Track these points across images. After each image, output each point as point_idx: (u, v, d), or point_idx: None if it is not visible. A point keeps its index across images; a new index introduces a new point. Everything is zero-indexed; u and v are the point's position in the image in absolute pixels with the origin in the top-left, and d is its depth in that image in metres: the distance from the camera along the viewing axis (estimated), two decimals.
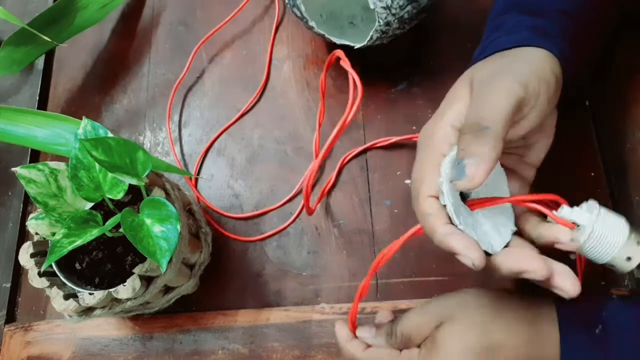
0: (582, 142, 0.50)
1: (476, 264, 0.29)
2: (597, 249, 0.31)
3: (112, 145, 0.35)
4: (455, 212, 0.30)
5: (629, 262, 0.30)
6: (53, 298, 0.39)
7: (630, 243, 0.30)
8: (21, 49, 0.56)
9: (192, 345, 0.48)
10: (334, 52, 0.45)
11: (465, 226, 0.31)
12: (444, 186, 0.31)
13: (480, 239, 0.31)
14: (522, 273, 0.31)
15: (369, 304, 0.47)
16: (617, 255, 0.30)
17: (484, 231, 0.32)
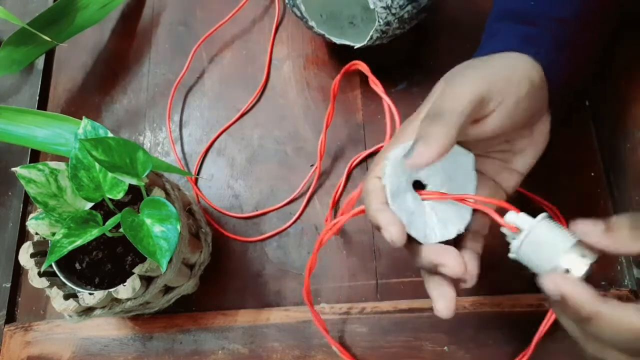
0: (582, 142, 0.50)
1: (394, 239, 0.30)
2: (533, 255, 0.31)
3: (112, 145, 0.35)
4: (392, 194, 0.32)
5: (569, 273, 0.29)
6: (53, 298, 0.39)
7: (571, 254, 0.29)
8: (21, 49, 0.56)
9: (192, 345, 0.48)
10: (355, 62, 0.44)
11: (399, 209, 0.32)
12: (387, 169, 0.32)
13: (415, 226, 0.32)
14: (438, 266, 0.31)
15: (369, 304, 0.47)
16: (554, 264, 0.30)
17: (424, 221, 0.33)
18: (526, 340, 0.45)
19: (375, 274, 0.49)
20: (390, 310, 0.47)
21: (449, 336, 0.45)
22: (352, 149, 0.53)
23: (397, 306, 0.47)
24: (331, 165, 0.53)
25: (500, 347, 0.45)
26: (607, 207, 0.48)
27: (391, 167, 0.32)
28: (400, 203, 0.32)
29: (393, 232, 0.31)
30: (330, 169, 0.53)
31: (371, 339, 0.46)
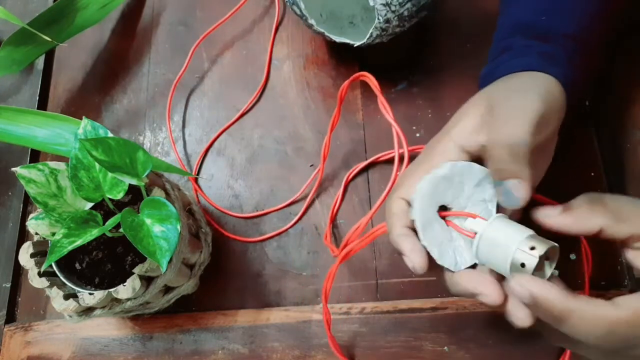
0: (582, 142, 0.50)
1: (416, 267, 0.31)
2: (489, 254, 0.31)
3: (112, 145, 0.35)
4: (423, 228, 0.32)
5: (523, 269, 0.29)
6: (53, 298, 0.39)
7: (524, 248, 0.29)
8: (21, 49, 0.56)
9: (192, 345, 0.48)
10: (363, 73, 0.44)
11: (430, 243, 0.31)
12: (416, 202, 0.32)
13: (446, 255, 0.32)
14: (475, 295, 0.31)
15: (369, 304, 0.47)
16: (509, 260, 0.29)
17: (454, 247, 0.32)
18: (526, 341, 0.45)
19: (375, 274, 0.49)
20: (390, 310, 0.47)
21: (449, 336, 0.45)
22: (352, 150, 0.53)
23: (397, 306, 0.47)
24: (331, 166, 0.53)
25: (500, 347, 0.45)
26: None
27: (420, 199, 0.32)
28: (431, 236, 0.32)
29: (416, 261, 0.31)
30: (330, 170, 0.53)
31: (371, 339, 0.46)
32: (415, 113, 0.53)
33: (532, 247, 0.29)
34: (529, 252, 0.29)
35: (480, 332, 0.45)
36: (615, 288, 0.46)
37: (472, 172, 0.33)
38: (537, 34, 0.38)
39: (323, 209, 0.51)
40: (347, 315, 0.47)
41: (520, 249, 0.29)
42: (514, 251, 0.29)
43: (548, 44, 0.37)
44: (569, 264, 0.47)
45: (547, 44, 0.37)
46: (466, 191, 0.33)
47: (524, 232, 0.30)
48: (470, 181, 0.33)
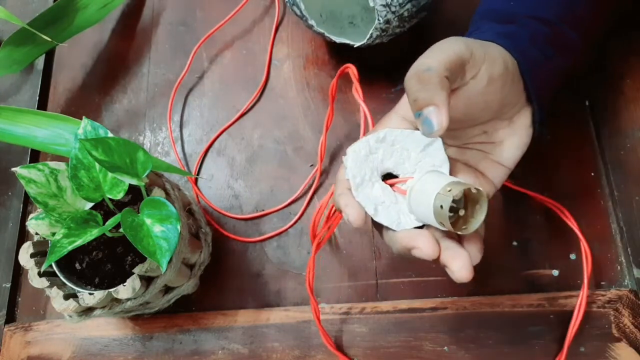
0: (582, 142, 0.50)
1: (350, 219, 0.32)
2: (419, 206, 0.32)
3: (112, 145, 0.35)
4: (357, 186, 0.33)
5: (443, 212, 0.29)
6: (53, 298, 0.39)
7: (441, 192, 0.30)
8: (21, 49, 0.56)
9: (192, 345, 0.48)
10: (347, 65, 0.45)
11: (364, 199, 0.33)
12: (348, 162, 0.33)
13: (387, 214, 0.33)
14: (412, 249, 0.31)
15: (369, 304, 0.47)
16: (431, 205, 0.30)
17: (398, 209, 0.33)
18: (526, 341, 0.45)
19: (375, 274, 0.49)
20: (390, 310, 0.47)
21: (449, 336, 0.45)
22: None
23: (397, 306, 0.47)
24: (331, 166, 0.53)
25: (500, 347, 0.45)
26: (607, 207, 0.48)
27: (352, 160, 0.33)
28: (367, 193, 0.33)
29: (350, 214, 0.32)
30: (330, 169, 0.53)
31: (371, 339, 0.46)
32: None
33: (449, 190, 0.29)
34: (446, 194, 0.29)
35: (480, 332, 0.45)
36: (615, 287, 0.46)
37: (415, 138, 0.34)
38: (503, 18, 0.39)
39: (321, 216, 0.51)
40: (347, 315, 0.47)
41: (439, 193, 0.30)
42: (434, 196, 0.30)
43: (511, 25, 0.37)
44: (569, 264, 0.47)
45: (510, 25, 0.37)
46: (412, 157, 0.34)
47: (448, 179, 0.31)
48: (415, 147, 0.34)
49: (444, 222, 0.30)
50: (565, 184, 0.49)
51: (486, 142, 0.37)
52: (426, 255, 0.30)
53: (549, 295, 0.45)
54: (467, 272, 0.30)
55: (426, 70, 0.30)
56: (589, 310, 0.45)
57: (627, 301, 0.45)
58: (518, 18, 0.38)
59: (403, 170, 0.34)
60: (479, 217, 0.31)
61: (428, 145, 0.34)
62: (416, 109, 0.30)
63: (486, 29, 0.38)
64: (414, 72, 0.31)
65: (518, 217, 0.48)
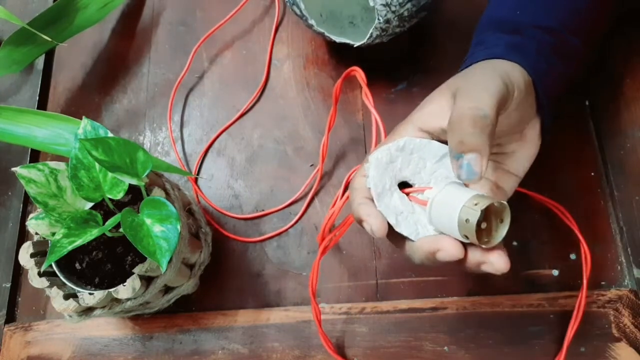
0: (582, 142, 0.50)
1: (374, 230, 0.31)
2: (441, 218, 0.31)
3: (112, 145, 0.35)
4: (378, 195, 0.32)
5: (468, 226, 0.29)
6: (53, 298, 0.39)
7: (467, 205, 0.29)
8: (21, 49, 0.56)
9: (192, 345, 0.48)
10: (353, 68, 0.45)
11: (386, 209, 0.32)
12: (370, 170, 0.33)
13: (406, 225, 0.32)
14: (436, 252, 0.31)
15: (369, 304, 0.47)
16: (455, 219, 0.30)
17: (416, 219, 0.33)
18: (526, 341, 0.45)
19: (375, 274, 0.49)
20: (390, 310, 0.47)
21: (449, 336, 0.45)
22: (352, 149, 0.53)
23: (397, 306, 0.47)
24: (331, 166, 0.53)
25: (500, 347, 0.45)
26: (607, 207, 0.48)
27: (374, 168, 0.33)
28: (387, 203, 0.33)
29: (373, 224, 0.31)
30: (330, 169, 0.53)
31: (371, 339, 0.46)
32: None
33: (475, 204, 0.29)
34: (473, 207, 0.29)
35: (480, 332, 0.45)
36: (615, 287, 0.46)
37: (432, 148, 0.34)
38: (509, 28, 0.39)
39: (323, 209, 0.51)
40: (347, 315, 0.47)
41: (465, 206, 0.29)
42: (459, 209, 0.30)
43: (517, 35, 0.37)
44: (569, 264, 0.47)
45: (516, 36, 0.37)
46: (428, 167, 0.34)
47: (471, 192, 0.30)
48: (431, 157, 0.34)
49: (468, 235, 0.30)
50: (565, 184, 0.49)
51: (499, 152, 0.37)
52: (452, 255, 0.30)
53: (549, 295, 0.45)
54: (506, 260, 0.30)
55: (483, 117, 0.30)
56: (589, 310, 0.45)
57: (627, 301, 0.45)
58: (524, 28, 0.38)
59: (419, 179, 0.34)
60: (501, 231, 0.30)
61: (444, 157, 0.34)
62: (459, 150, 0.30)
63: (494, 40, 0.38)
64: (470, 114, 0.30)
65: (518, 217, 0.48)
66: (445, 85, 0.36)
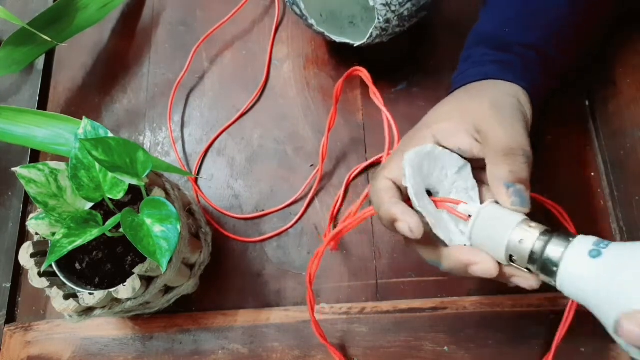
0: (582, 142, 0.50)
1: (413, 227, 0.31)
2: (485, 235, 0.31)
3: (112, 145, 0.35)
4: (416, 194, 0.32)
5: (522, 247, 0.29)
6: (53, 298, 0.39)
7: (523, 227, 0.30)
8: (21, 49, 0.56)
9: (192, 345, 0.48)
10: (357, 68, 0.45)
11: (424, 210, 0.32)
12: (407, 170, 0.33)
13: (441, 228, 0.32)
14: (469, 265, 0.31)
15: (369, 304, 0.47)
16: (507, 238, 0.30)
17: (447, 227, 0.33)
18: (526, 341, 0.45)
19: (375, 274, 0.49)
20: (390, 310, 0.47)
21: (449, 336, 0.45)
22: (352, 150, 0.53)
23: (397, 306, 0.47)
24: (331, 166, 0.53)
25: (500, 347, 0.45)
26: (607, 207, 0.48)
27: (410, 168, 0.33)
28: (424, 204, 0.32)
29: (411, 222, 0.31)
30: (330, 170, 0.53)
31: (371, 339, 0.46)
32: (415, 113, 0.53)
33: (530, 226, 0.29)
34: (529, 228, 0.29)
35: (480, 332, 0.45)
36: None
37: (453, 160, 0.35)
38: (496, 44, 0.40)
39: (323, 209, 0.51)
40: (347, 315, 0.47)
41: (519, 227, 0.29)
42: (513, 227, 0.29)
43: (505, 53, 0.39)
44: None
45: (503, 53, 0.39)
46: (450, 177, 0.34)
47: (519, 215, 0.31)
48: (452, 168, 0.35)
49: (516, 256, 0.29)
50: (565, 184, 0.49)
51: None
52: (487, 271, 0.31)
53: (549, 295, 0.45)
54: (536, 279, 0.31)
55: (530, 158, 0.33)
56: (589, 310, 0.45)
57: None
58: (510, 47, 0.40)
59: (442, 188, 0.35)
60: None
61: (462, 169, 0.35)
62: (510, 180, 0.32)
63: (480, 56, 0.40)
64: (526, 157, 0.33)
65: None
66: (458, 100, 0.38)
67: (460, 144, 0.35)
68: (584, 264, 0.27)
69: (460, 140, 0.35)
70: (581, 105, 0.52)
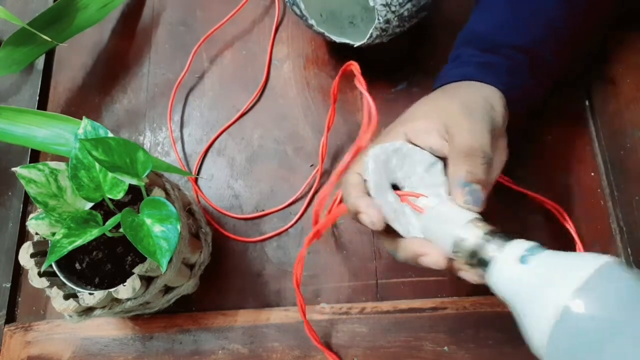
0: (582, 142, 0.50)
1: (374, 220, 0.33)
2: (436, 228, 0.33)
3: (112, 145, 0.35)
4: (376, 189, 0.34)
5: (464, 244, 0.31)
6: (53, 298, 0.39)
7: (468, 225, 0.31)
8: (21, 49, 0.56)
9: (192, 345, 0.48)
10: (350, 63, 0.45)
11: (384, 204, 0.34)
12: (369, 164, 0.34)
13: (399, 222, 0.34)
14: (420, 255, 0.33)
15: (369, 304, 0.47)
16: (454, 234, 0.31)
17: (408, 220, 0.34)
18: None
19: (375, 274, 0.49)
20: (390, 310, 0.47)
21: (449, 336, 0.45)
22: None
23: (397, 306, 0.47)
24: (331, 166, 0.53)
25: (500, 347, 0.45)
26: (607, 207, 0.48)
27: (373, 163, 0.34)
28: (384, 199, 0.34)
29: (372, 215, 0.33)
30: (330, 170, 0.53)
31: (371, 339, 0.46)
32: None
33: (476, 226, 0.31)
34: (473, 228, 0.31)
35: (480, 332, 0.45)
36: None
37: (424, 157, 0.36)
38: (484, 45, 0.41)
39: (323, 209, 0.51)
40: (347, 315, 0.47)
41: (465, 226, 0.31)
42: (460, 226, 0.31)
43: (491, 54, 0.40)
44: None
45: (489, 55, 0.40)
46: (418, 173, 0.36)
47: (470, 213, 0.32)
48: (422, 165, 0.36)
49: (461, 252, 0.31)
50: (565, 184, 0.49)
51: None
52: (436, 262, 0.32)
53: None
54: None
55: (489, 158, 0.34)
56: None
57: None
58: (499, 47, 0.40)
59: (409, 183, 0.36)
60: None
61: (432, 166, 0.36)
62: (467, 180, 0.33)
63: (468, 57, 0.41)
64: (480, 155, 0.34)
65: (518, 217, 0.48)
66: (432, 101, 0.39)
67: (431, 143, 0.36)
68: (511, 268, 0.28)
69: (431, 139, 0.36)
70: (581, 105, 0.52)
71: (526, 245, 0.29)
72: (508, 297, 0.28)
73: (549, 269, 0.26)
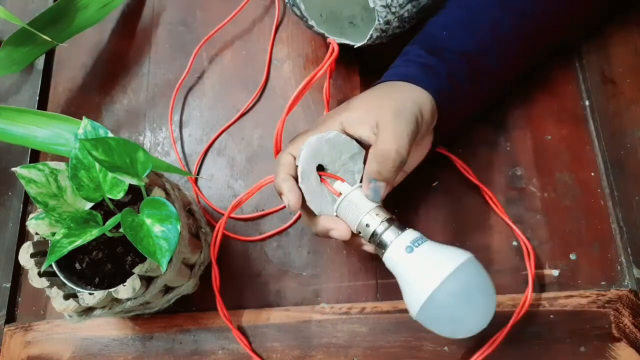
0: (582, 142, 0.50)
1: (291, 204, 0.38)
2: (346, 212, 0.39)
3: (112, 145, 0.35)
4: (303, 175, 0.39)
5: (367, 229, 0.37)
6: (53, 298, 0.39)
7: (370, 214, 0.38)
8: (21, 49, 0.56)
9: (192, 345, 0.48)
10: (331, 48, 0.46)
11: (306, 188, 0.39)
12: (303, 152, 0.39)
13: (314, 202, 0.39)
14: (329, 230, 0.39)
15: (369, 304, 0.47)
16: (359, 220, 0.38)
17: (322, 199, 0.40)
18: (526, 341, 0.45)
19: (375, 274, 0.49)
20: (390, 310, 0.47)
21: None
22: None
23: (397, 306, 0.47)
24: None
25: (501, 347, 0.45)
26: (607, 207, 0.48)
27: (307, 151, 0.39)
28: (307, 183, 0.39)
29: (291, 199, 0.38)
30: None
31: (371, 339, 0.46)
32: None
33: (377, 214, 0.38)
34: (375, 216, 0.38)
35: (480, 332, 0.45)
36: (615, 287, 0.46)
37: (351, 146, 0.40)
38: (430, 47, 0.44)
39: None
40: (347, 315, 0.47)
41: (369, 213, 0.38)
42: (365, 213, 0.38)
43: (434, 57, 0.43)
44: (569, 263, 0.47)
45: (434, 57, 0.43)
46: (342, 159, 0.40)
47: (373, 204, 0.38)
48: (347, 153, 0.40)
49: (363, 234, 0.38)
50: (565, 184, 0.49)
51: None
52: (342, 235, 0.39)
53: (549, 295, 0.46)
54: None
55: (402, 161, 0.38)
56: (589, 310, 0.45)
57: (627, 301, 0.45)
58: (442, 51, 0.43)
59: (332, 168, 0.40)
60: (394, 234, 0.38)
61: (356, 154, 0.41)
62: (374, 177, 0.38)
63: (414, 56, 0.44)
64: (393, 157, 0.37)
65: (518, 217, 0.48)
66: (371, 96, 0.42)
67: (361, 134, 0.40)
68: (399, 254, 0.36)
69: (362, 131, 0.40)
70: (581, 105, 0.52)
71: (411, 237, 0.36)
72: (396, 275, 0.37)
73: (426, 260, 0.35)
